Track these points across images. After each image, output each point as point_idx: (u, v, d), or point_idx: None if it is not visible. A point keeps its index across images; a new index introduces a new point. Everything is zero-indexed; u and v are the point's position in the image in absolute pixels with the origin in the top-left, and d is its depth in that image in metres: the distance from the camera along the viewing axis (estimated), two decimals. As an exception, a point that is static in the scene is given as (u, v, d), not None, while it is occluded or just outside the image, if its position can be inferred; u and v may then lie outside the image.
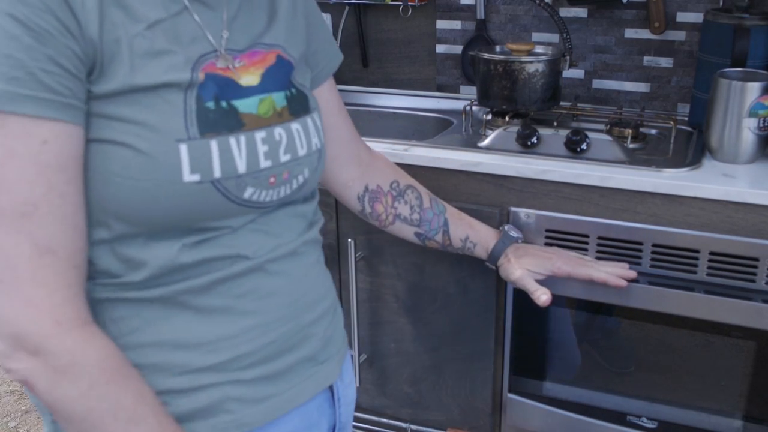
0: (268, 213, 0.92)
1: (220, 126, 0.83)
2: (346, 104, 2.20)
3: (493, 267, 1.42)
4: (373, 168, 1.26)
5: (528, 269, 1.38)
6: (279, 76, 0.92)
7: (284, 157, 0.90)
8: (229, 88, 0.86)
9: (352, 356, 1.77)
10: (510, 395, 1.71)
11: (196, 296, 0.88)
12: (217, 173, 0.83)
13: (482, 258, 1.41)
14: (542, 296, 1.35)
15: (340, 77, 2.27)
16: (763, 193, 1.39)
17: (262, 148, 0.87)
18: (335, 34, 2.24)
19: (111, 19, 0.78)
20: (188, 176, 0.81)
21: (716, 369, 1.53)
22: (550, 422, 1.69)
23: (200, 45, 0.85)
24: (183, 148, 0.80)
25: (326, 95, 1.14)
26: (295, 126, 0.92)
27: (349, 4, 2.20)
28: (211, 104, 0.83)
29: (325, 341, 1.03)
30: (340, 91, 1.20)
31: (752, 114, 1.48)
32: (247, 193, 0.87)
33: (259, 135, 0.87)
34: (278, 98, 0.91)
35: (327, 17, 2.24)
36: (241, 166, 0.85)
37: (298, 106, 0.94)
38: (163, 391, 0.88)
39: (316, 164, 0.97)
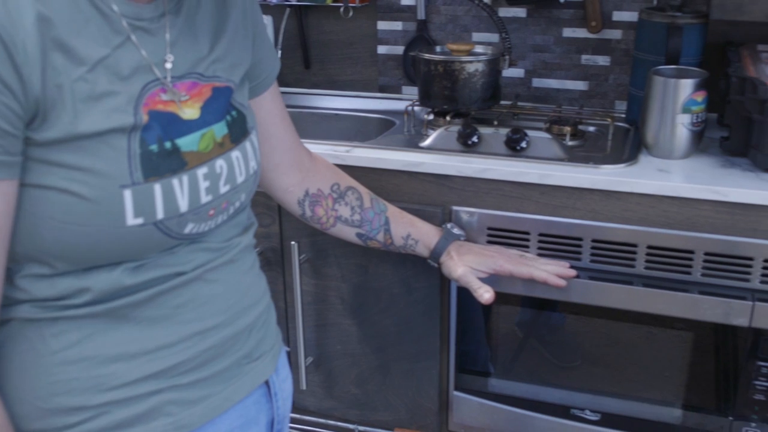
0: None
1: (164, 169, 0.83)
2: (288, 106, 2.18)
3: (435, 265, 1.43)
4: (313, 172, 1.26)
5: (470, 267, 1.39)
6: (218, 105, 0.92)
7: (224, 188, 0.91)
8: (172, 126, 0.85)
9: (289, 354, 1.76)
10: (456, 393, 1.73)
11: (135, 309, 0.88)
12: (160, 215, 0.83)
13: (424, 256, 1.42)
14: (485, 294, 1.36)
15: (282, 79, 2.25)
16: (696, 188, 1.42)
17: (203, 185, 0.88)
18: (277, 36, 2.23)
19: (53, 64, 0.76)
20: (131, 220, 0.81)
21: (658, 360, 1.56)
22: (495, 418, 1.70)
23: (143, 75, 0.84)
24: (127, 194, 0.80)
25: (268, 105, 1.14)
26: (235, 154, 0.93)
27: (290, 5, 2.19)
28: (154, 147, 0.83)
29: (258, 339, 1.04)
30: (282, 93, 1.19)
31: (685, 110, 1.51)
32: (188, 228, 0.88)
33: (201, 171, 0.87)
34: (219, 129, 0.91)
35: (268, 19, 2.23)
36: (183, 206, 0.86)
37: (238, 130, 0.95)
38: (103, 404, 0.88)
39: (252, 187, 0.99)
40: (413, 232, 1.39)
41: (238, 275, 0.99)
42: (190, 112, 0.87)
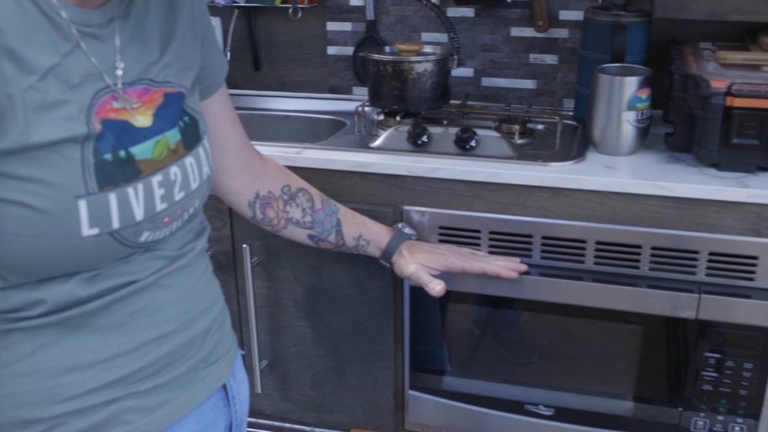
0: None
1: (118, 178, 0.82)
2: (238, 108, 2.17)
3: (387, 264, 1.43)
4: (264, 174, 1.26)
5: (422, 264, 1.40)
6: (170, 111, 0.91)
7: (179, 195, 0.91)
8: (125, 134, 0.84)
9: (243, 357, 1.75)
10: (411, 392, 1.73)
11: (90, 318, 0.87)
12: (115, 225, 0.82)
13: (376, 256, 1.42)
14: (436, 287, 1.38)
15: (232, 81, 2.25)
16: (642, 183, 1.44)
17: (158, 192, 0.87)
18: (225, 38, 2.21)
19: (3, 73, 0.74)
20: (87, 231, 0.80)
21: (611, 354, 1.59)
22: (451, 416, 1.71)
23: (93, 83, 0.82)
24: (82, 204, 0.79)
25: (217, 107, 1.13)
26: (188, 160, 0.92)
27: (239, 7, 2.17)
28: (108, 156, 0.82)
29: (214, 343, 1.04)
30: (232, 95, 1.19)
31: (630, 107, 1.53)
32: (143, 237, 0.87)
33: (156, 179, 0.86)
34: (172, 135, 0.90)
35: (216, 21, 2.21)
36: (139, 214, 0.85)
37: (191, 135, 0.94)
38: (59, 415, 0.87)
39: (205, 192, 0.98)
40: (365, 232, 1.39)
41: (193, 280, 0.99)
42: (143, 119, 0.86)
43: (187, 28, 0.98)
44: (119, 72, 0.85)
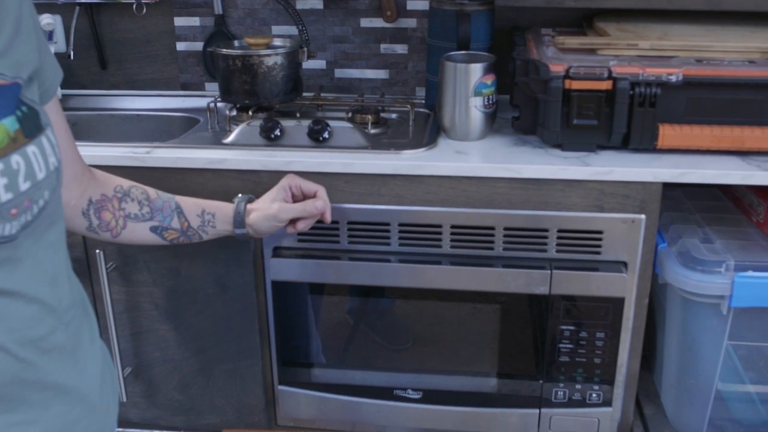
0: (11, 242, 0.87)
1: None
2: (86, 109, 2.10)
3: (244, 231, 1.40)
4: (93, 181, 1.22)
5: (274, 200, 1.42)
6: (4, 101, 0.86)
7: (24, 185, 0.85)
8: None
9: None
10: (281, 387, 1.72)
11: None
12: None
13: (226, 230, 1.40)
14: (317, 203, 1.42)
15: (78, 81, 2.16)
16: (492, 167, 1.49)
17: (1, 181, 0.82)
18: (68, 36, 2.11)
19: None
20: None
21: (477, 334, 1.63)
22: (322, 408, 1.72)
23: None
24: None
25: (53, 116, 1.08)
26: (31, 149, 0.87)
27: (80, 3, 2.08)
28: None
29: None
30: (79, 95, 1.14)
31: (477, 93, 1.57)
32: None
33: None
34: (9, 123, 0.85)
35: (57, 18, 2.11)
36: None
37: (32, 125, 0.89)
38: None
39: (54, 184, 0.92)
40: (207, 207, 1.37)
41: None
42: None
43: (19, 25, 0.93)
44: None
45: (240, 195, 1.45)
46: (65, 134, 1.13)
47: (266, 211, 1.41)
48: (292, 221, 1.44)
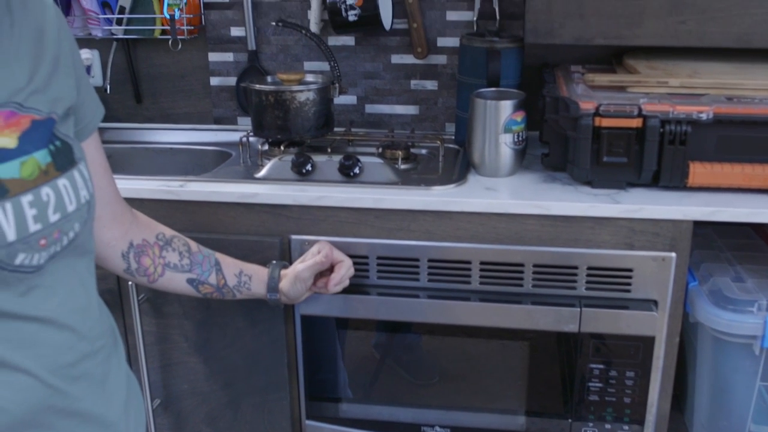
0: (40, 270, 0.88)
1: None
2: (121, 142, 2.13)
3: (276, 297, 1.43)
4: (135, 224, 1.23)
5: (300, 262, 1.46)
6: (38, 135, 0.88)
7: (53, 217, 0.87)
8: None
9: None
10: (308, 422, 1.72)
11: None
12: None
13: (260, 293, 1.42)
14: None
15: (114, 115, 2.20)
16: (521, 203, 1.49)
17: (30, 212, 0.84)
18: (105, 71, 2.16)
19: None
20: None
21: (504, 371, 1.62)
22: (349, 443, 1.72)
23: None
24: None
25: (91, 153, 1.10)
26: (62, 182, 0.89)
27: (117, 39, 2.14)
28: None
29: None
30: (114, 129, 1.16)
31: (507, 130, 1.58)
32: (19, 259, 0.83)
33: (26, 199, 0.83)
34: (41, 156, 0.87)
35: (94, 54, 2.16)
36: (11, 235, 0.81)
37: (64, 159, 0.91)
38: None
39: (86, 217, 0.94)
40: (245, 268, 1.40)
41: None
42: (6, 141, 0.84)
43: (58, 60, 0.96)
44: None
45: (274, 261, 1.48)
46: (104, 172, 1.14)
47: (292, 272, 1.45)
48: (321, 278, 1.50)
